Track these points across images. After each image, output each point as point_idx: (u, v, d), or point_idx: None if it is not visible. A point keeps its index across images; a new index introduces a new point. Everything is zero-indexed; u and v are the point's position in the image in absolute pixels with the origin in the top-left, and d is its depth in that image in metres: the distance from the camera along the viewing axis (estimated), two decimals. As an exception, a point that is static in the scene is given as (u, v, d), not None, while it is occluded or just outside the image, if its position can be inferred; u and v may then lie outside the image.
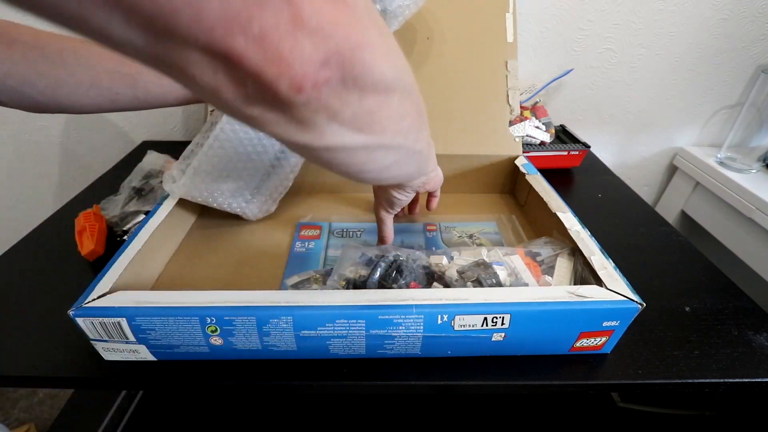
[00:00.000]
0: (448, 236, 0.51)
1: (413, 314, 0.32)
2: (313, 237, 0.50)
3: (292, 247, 0.48)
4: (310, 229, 0.51)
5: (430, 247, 0.48)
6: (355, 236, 0.51)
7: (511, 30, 0.59)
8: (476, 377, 0.36)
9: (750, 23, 0.73)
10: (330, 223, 0.52)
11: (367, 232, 0.51)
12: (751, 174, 0.76)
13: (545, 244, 0.43)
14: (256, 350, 0.34)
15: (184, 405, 0.81)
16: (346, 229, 0.52)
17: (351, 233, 0.51)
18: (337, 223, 0.52)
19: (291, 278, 0.43)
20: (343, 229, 0.52)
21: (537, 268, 0.39)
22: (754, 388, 0.36)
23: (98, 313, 0.31)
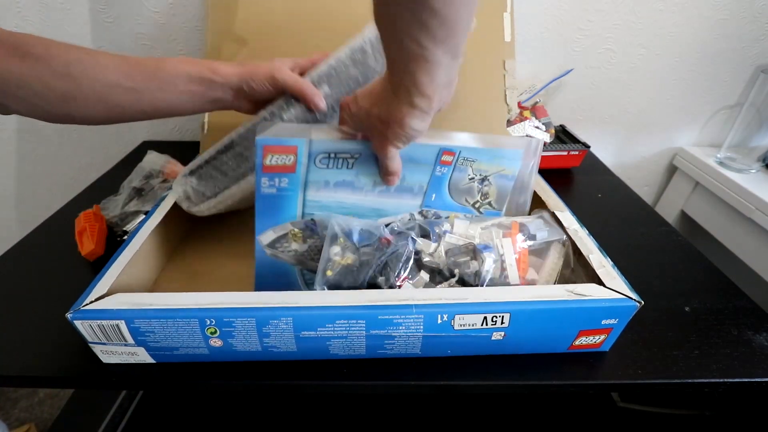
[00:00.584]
0: (459, 175, 0.42)
1: (413, 314, 0.32)
2: (285, 169, 0.36)
3: (257, 182, 0.37)
4: (278, 154, 0.36)
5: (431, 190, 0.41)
6: (346, 166, 0.38)
7: (509, 30, 0.59)
8: (476, 377, 0.36)
9: (750, 23, 0.73)
10: (311, 141, 0.36)
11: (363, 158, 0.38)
12: (750, 174, 0.76)
13: (542, 226, 0.41)
14: (256, 352, 0.34)
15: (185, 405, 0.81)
16: (335, 154, 0.37)
17: (341, 161, 0.38)
18: (321, 142, 0.37)
19: (265, 234, 0.37)
20: (331, 153, 0.37)
21: (525, 255, 0.39)
22: (753, 388, 0.36)
23: (97, 315, 0.31)
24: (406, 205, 0.42)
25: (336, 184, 0.39)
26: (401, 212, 0.42)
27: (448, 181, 0.42)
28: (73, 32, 0.69)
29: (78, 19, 0.68)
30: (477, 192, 0.44)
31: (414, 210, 0.42)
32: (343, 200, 0.40)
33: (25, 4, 0.67)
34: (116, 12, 0.68)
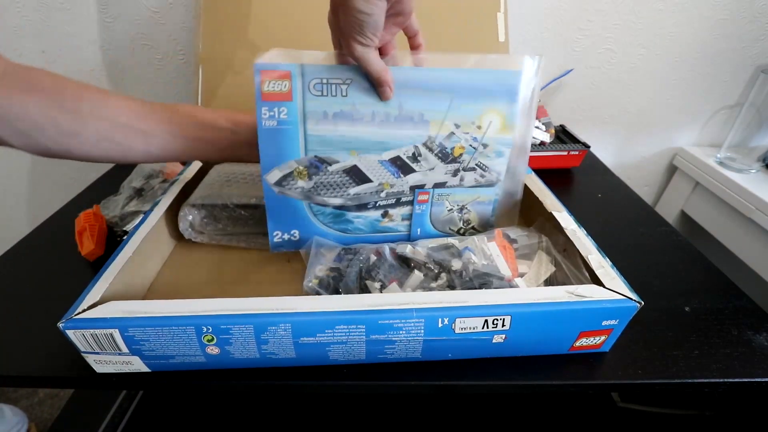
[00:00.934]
0: (438, 209, 0.44)
1: (413, 318, 0.32)
2: (282, 97, 0.37)
3: (258, 114, 0.37)
4: (275, 81, 0.36)
5: (415, 227, 0.45)
6: (340, 93, 0.38)
7: (503, 30, 0.59)
8: (476, 377, 0.36)
9: (750, 23, 0.73)
10: (302, 66, 0.36)
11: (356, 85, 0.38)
12: (750, 174, 0.76)
13: (520, 231, 0.44)
14: (254, 359, 0.34)
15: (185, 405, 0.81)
16: (327, 80, 0.37)
17: (335, 88, 0.37)
18: (314, 67, 0.37)
19: (271, 173, 0.38)
20: (323, 79, 0.37)
21: (511, 251, 0.40)
22: (753, 388, 0.36)
23: (90, 324, 0.30)
24: (408, 136, 0.40)
25: (335, 116, 0.38)
26: (405, 144, 0.41)
27: (429, 215, 0.44)
28: (73, 32, 0.70)
29: (78, 19, 0.68)
30: (459, 220, 0.46)
31: (418, 141, 0.41)
32: (344, 133, 0.39)
33: (25, 4, 0.67)
34: (116, 12, 0.68)
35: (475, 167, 0.43)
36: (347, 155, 0.40)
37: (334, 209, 0.42)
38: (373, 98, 0.39)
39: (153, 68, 0.74)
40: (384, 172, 0.42)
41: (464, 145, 0.42)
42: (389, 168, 0.42)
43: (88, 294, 0.33)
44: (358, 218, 0.43)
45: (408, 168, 0.42)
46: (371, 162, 0.41)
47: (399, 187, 0.42)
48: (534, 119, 0.43)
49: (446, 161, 0.42)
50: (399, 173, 0.42)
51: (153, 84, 0.76)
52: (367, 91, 0.38)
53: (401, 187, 0.42)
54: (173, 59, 0.73)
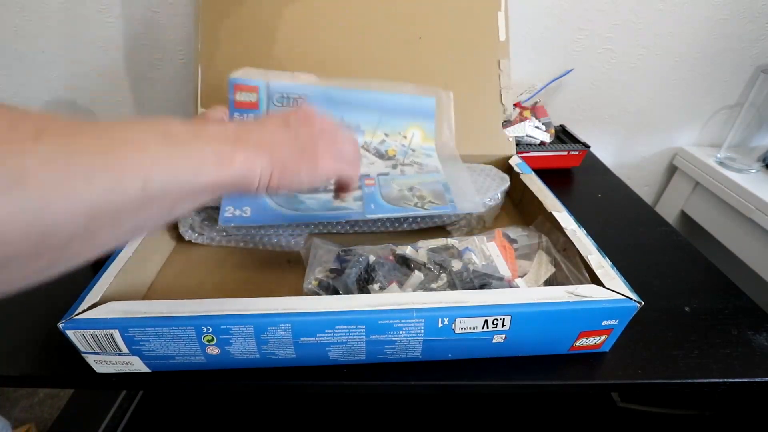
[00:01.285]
0: (387, 190, 0.47)
1: (414, 318, 0.32)
2: (251, 106, 0.45)
3: (230, 118, 0.44)
4: (245, 92, 0.45)
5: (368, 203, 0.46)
6: (296, 105, 0.46)
7: (504, 29, 0.59)
8: (476, 377, 0.36)
9: (750, 23, 0.73)
10: (268, 83, 0.46)
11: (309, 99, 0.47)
12: (750, 174, 0.76)
13: (521, 231, 0.44)
14: (254, 359, 0.34)
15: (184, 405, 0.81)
16: (287, 94, 0.46)
17: (292, 101, 0.46)
18: (277, 84, 0.46)
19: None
20: (284, 94, 0.46)
21: (511, 252, 0.41)
22: (753, 388, 0.36)
23: (90, 324, 0.31)
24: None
25: None
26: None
27: (380, 194, 0.47)
28: (73, 32, 0.70)
29: (78, 19, 0.68)
30: (412, 197, 0.47)
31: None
32: None
33: (25, 4, 0.67)
34: (116, 12, 0.68)
35: (411, 164, 0.50)
36: None
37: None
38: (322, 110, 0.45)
39: (153, 68, 0.74)
40: None
41: (395, 148, 0.51)
42: None
43: (88, 294, 0.33)
44: (310, 199, 0.46)
45: None
46: None
47: None
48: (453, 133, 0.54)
49: (383, 159, 0.50)
50: None
51: (153, 84, 0.76)
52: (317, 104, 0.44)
53: None
54: (173, 59, 0.73)
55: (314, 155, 0.29)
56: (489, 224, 0.52)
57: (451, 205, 0.46)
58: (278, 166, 0.27)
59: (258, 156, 0.26)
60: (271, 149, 0.27)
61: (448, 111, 0.54)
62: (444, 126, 0.54)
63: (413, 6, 0.59)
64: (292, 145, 0.28)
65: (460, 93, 0.58)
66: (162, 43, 0.71)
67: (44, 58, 0.72)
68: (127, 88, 0.76)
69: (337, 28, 0.58)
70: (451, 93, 0.54)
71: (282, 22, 0.58)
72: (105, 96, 0.76)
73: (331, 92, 0.49)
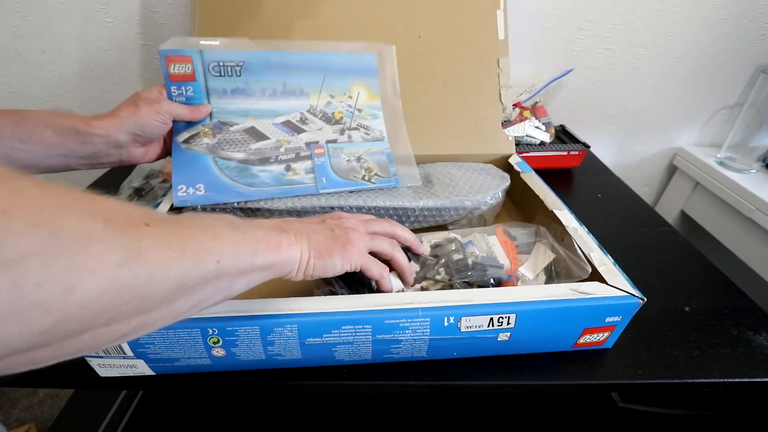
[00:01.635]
0: (337, 161, 0.49)
1: (420, 317, 0.32)
2: (187, 78, 0.45)
3: (168, 92, 0.45)
4: (178, 63, 0.44)
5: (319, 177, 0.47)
6: (235, 74, 0.47)
7: (503, 27, 0.59)
8: (478, 377, 0.36)
9: (750, 23, 0.73)
10: (201, 52, 0.45)
11: (247, 67, 0.47)
12: (750, 174, 0.76)
13: (521, 229, 0.44)
14: (260, 360, 0.34)
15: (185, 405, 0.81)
16: (223, 63, 0.46)
17: (230, 69, 0.46)
18: (210, 52, 0.46)
19: (180, 134, 0.45)
20: (219, 63, 0.46)
21: (512, 246, 0.41)
22: (753, 388, 0.36)
23: None
24: (293, 106, 0.50)
25: (232, 92, 0.47)
26: (292, 111, 0.50)
27: (330, 166, 0.48)
28: (73, 32, 0.70)
29: (78, 19, 0.68)
30: (360, 168, 0.49)
31: (303, 109, 0.50)
32: (240, 104, 0.48)
33: (25, 4, 0.67)
34: (116, 12, 0.68)
35: (358, 127, 0.51)
36: (245, 120, 0.48)
37: (238, 164, 0.46)
38: (262, 77, 0.48)
39: (153, 68, 0.74)
40: (279, 132, 0.49)
41: (342, 110, 0.51)
42: (282, 129, 0.49)
43: None
44: (263, 172, 0.46)
45: (299, 129, 0.49)
46: (266, 124, 0.48)
47: (295, 143, 0.48)
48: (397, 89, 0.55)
49: (330, 123, 0.50)
50: (292, 133, 0.49)
51: (153, 84, 0.76)
52: (256, 71, 0.48)
53: (297, 143, 0.48)
54: (173, 59, 0.73)
55: (346, 242, 0.33)
56: (490, 223, 0.52)
57: (395, 179, 0.50)
58: (314, 251, 0.31)
59: (298, 240, 0.30)
60: (308, 236, 0.31)
61: (391, 66, 0.54)
62: (387, 81, 0.54)
63: (413, 5, 0.59)
64: (326, 234, 0.33)
65: (460, 92, 0.58)
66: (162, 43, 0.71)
67: (44, 58, 0.72)
68: (127, 88, 0.76)
69: (336, 29, 0.58)
70: (393, 47, 0.55)
71: (281, 22, 0.58)
72: (105, 96, 0.76)
73: (269, 56, 0.48)
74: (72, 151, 0.40)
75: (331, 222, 0.35)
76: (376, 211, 0.47)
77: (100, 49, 0.71)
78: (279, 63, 0.49)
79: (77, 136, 0.39)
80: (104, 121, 0.40)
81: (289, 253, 0.29)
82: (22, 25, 0.68)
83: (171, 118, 0.44)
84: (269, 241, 0.28)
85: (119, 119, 0.41)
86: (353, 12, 0.58)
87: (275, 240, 0.28)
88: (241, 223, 0.27)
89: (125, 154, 0.43)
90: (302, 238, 0.30)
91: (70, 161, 0.41)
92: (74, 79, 0.74)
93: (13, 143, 0.37)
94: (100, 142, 0.40)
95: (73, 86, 0.75)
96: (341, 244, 0.33)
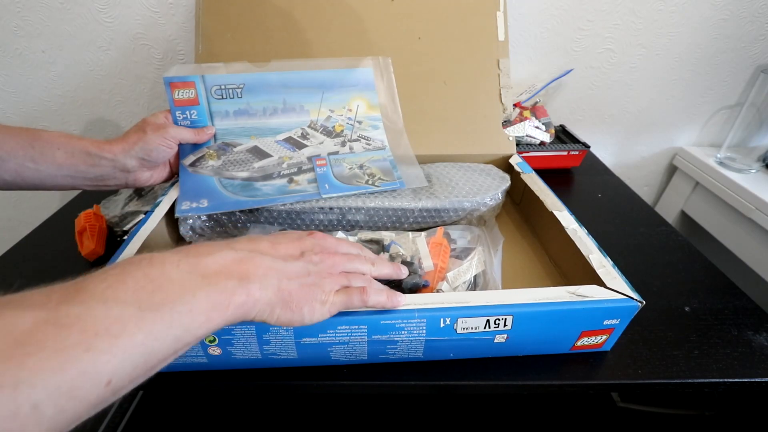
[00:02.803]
0: (339, 169, 0.49)
1: (416, 318, 0.32)
2: (191, 102, 0.47)
3: (173, 117, 0.47)
4: (182, 89, 0.47)
5: (322, 184, 0.47)
6: (236, 95, 0.49)
7: (503, 28, 0.59)
8: (477, 377, 0.36)
9: (750, 23, 0.73)
10: (203, 77, 0.48)
11: (248, 89, 0.49)
12: (750, 174, 0.76)
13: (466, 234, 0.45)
14: (256, 359, 0.34)
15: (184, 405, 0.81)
16: (225, 86, 0.49)
17: (231, 92, 0.49)
18: (212, 77, 0.48)
19: (187, 158, 0.46)
20: (221, 86, 0.48)
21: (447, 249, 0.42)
22: (753, 387, 0.36)
23: None
24: (294, 122, 0.52)
25: (235, 113, 0.50)
26: (293, 128, 0.51)
27: (332, 174, 0.49)
28: (73, 32, 0.70)
29: (78, 19, 0.68)
30: (363, 174, 0.50)
31: (304, 125, 0.52)
32: (244, 125, 0.50)
33: (25, 4, 0.67)
34: (116, 12, 0.68)
35: (359, 139, 0.52)
36: (248, 140, 0.50)
37: (242, 181, 0.47)
38: (262, 96, 0.50)
39: (153, 68, 0.74)
40: (281, 149, 0.50)
41: (342, 123, 0.52)
42: (285, 145, 0.50)
43: None
44: (266, 186, 0.47)
45: (300, 144, 0.51)
46: (269, 142, 0.50)
47: (297, 158, 0.50)
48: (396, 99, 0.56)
49: (331, 136, 0.51)
50: (294, 149, 0.50)
51: (153, 84, 0.76)
52: (256, 92, 0.50)
53: (299, 158, 0.50)
54: (173, 59, 0.73)
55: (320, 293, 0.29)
56: (490, 224, 0.52)
57: (400, 182, 0.49)
58: (284, 299, 0.27)
59: (262, 290, 0.25)
60: (278, 284, 0.26)
61: (388, 76, 0.55)
62: (386, 93, 0.55)
63: (413, 6, 0.59)
64: (301, 280, 0.28)
65: (460, 93, 0.58)
66: (162, 43, 0.71)
67: (44, 58, 0.72)
68: (127, 88, 0.76)
69: (336, 29, 0.58)
70: (389, 58, 0.55)
71: (281, 22, 0.58)
72: (105, 96, 0.76)
73: (268, 78, 0.50)
74: (80, 172, 0.41)
75: (308, 258, 0.30)
76: (375, 212, 0.47)
77: (100, 49, 0.71)
78: (278, 82, 0.51)
79: (87, 158, 0.41)
80: (114, 145, 0.42)
81: (244, 310, 0.25)
82: (22, 25, 0.68)
83: (177, 142, 0.46)
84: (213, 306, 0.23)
85: (128, 144, 0.42)
86: (354, 13, 0.58)
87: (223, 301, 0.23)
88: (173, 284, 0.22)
89: (131, 178, 0.44)
90: (268, 286, 0.26)
91: (76, 182, 0.42)
92: (74, 79, 0.74)
93: (25, 162, 0.39)
94: (108, 165, 0.42)
95: (73, 86, 0.75)
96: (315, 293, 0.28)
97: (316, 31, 0.58)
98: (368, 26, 0.58)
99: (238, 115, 0.50)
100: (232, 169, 0.47)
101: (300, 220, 0.47)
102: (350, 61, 0.54)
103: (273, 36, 0.58)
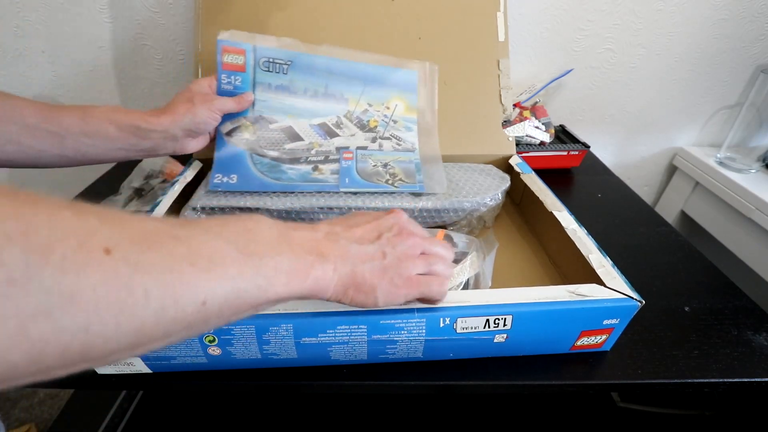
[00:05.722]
0: (363, 165, 0.50)
1: (415, 318, 0.32)
2: (238, 68, 0.48)
3: (218, 80, 0.47)
4: (232, 54, 0.47)
5: (343, 177, 0.48)
6: (282, 71, 0.50)
7: (503, 29, 0.59)
8: (477, 377, 0.36)
9: (749, 23, 0.73)
10: (255, 47, 0.49)
11: (294, 66, 0.50)
12: (750, 174, 0.76)
13: (464, 239, 0.44)
14: (256, 359, 0.34)
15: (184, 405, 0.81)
16: (273, 59, 0.49)
17: (278, 66, 0.49)
18: (263, 49, 0.49)
19: (224, 125, 0.47)
20: (270, 59, 0.49)
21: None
22: (753, 387, 0.36)
23: None
24: (332, 109, 0.52)
25: (276, 87, 0.50)
26: (330, 114, 0.52)
27: (355, 169, 0.49)
28: (73, 32, 0.70)
29: (78, 19, 0.68)
30: (385, 173, 0.50)
31: (340, 114, 0.52)
32: (283, 101, 0.50)
33: (25, 4, 0.67)
34: (116, 12, 0.68)
35: (390, 137, 0.52)
36: (285, 118, 0.50)
37: (271, 160, 0.49)
38: (306, 77, 0.51)
39: (153, 68, 0.74)
40: (313, 134, 0.51)
41: (377, 119, 0.53)
42: (318, 131, 0.51)
43: None
44: (291, 169, 0.48)
45: (333, 132, 0.51)
46: (303, 125, 0.51)
47: (327, 147, 0.50)
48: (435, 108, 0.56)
49: (364, 130, 0.52)
50: (326, 136, 0.51)
51: (153, 84, 0.76)
52: (302, 72, 0.50)
53: (328, 147, 0.50)
54: (173, 59, 0.73)
55: (396, 277, 0.28)
56: (490, 224, 0.52)
57: (420, 185, 0.48)
58: (356, 282, 0.27)
59: (337, 271, 0.26)
60: (353, 267, 0.27)
61: (432, 84, 0.55)
62: (426, 99, 0.55)
63: (413, 6, 0.59)
64: (375, 263, 0.28)
65: (460, 93, 0.58)
66: (162, 43, 0.71)
67: (44, 58, 0.72)
68: (126, 88, 0.76)
69: (337, 29, 0.58)
70: (437, 66, 0.55)
71: (281, 22, 0.58)
72: (105, 96, 0.76)
73: (315, 60, 0.51)
74: (132, 145, 0.42)
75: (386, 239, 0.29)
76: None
77: (100, 49, 0.71)
78: (324, 67, 0.51)
79: (138, 132, 0.41)
80: (162, 118, 0.42)
81: (320, 286, 0.25)
82: (22, 25, 0.68)
83: (222, 114, 0.46)
84: (295, 272, 0.24)
85: (177, 116, 0.43)
86: (354, 13, 0.58)
87: (303, 270, 0.24)
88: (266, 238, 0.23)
89: (179, 146, 0.45)
90: (343, 267, 0.26)
91: (130, 154, 0.43)
92: (74, 79, 0.74)
93: (81, 138, 0.39)
94: (159, 137, 0.42)
95: (73, 86, 0.75)
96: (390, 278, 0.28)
97: (316, 31, 0.58)
98: (368, 26, 0.58)
99: (279, 90, 0.50)
100: (264, 145, 0.49)
101: (300, 220, 0.47)
102: (397, 60, 0.54)
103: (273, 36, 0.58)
